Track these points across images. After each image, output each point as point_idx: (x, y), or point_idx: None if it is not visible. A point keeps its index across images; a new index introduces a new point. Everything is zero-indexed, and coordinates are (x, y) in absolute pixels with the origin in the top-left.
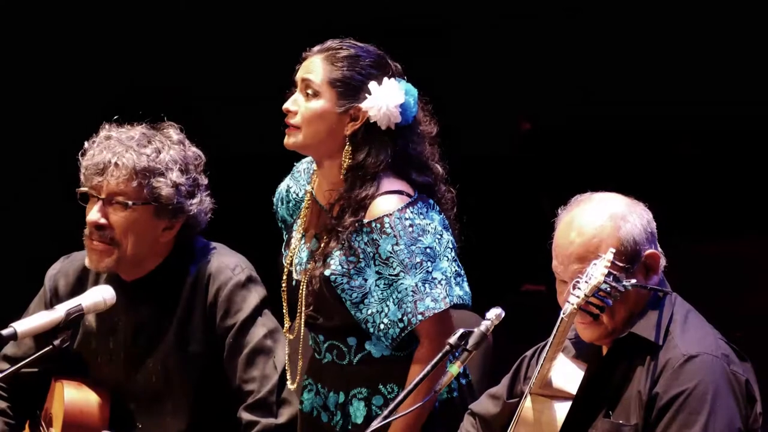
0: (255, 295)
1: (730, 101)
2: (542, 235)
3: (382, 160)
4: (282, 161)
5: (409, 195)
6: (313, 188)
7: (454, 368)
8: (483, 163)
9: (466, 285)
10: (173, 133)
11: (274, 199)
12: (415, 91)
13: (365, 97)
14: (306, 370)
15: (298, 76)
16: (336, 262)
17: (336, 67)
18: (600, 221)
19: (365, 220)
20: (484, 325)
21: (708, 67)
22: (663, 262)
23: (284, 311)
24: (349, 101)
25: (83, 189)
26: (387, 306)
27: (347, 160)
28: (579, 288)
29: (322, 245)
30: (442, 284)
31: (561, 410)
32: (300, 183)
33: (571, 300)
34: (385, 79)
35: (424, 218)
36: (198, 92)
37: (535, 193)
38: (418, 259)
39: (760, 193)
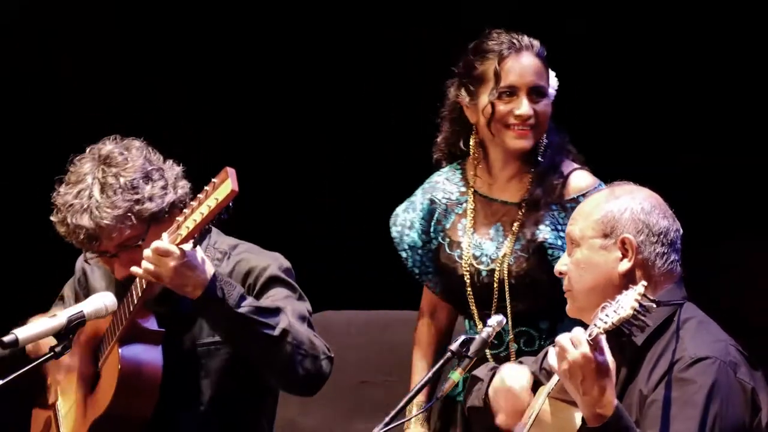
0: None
1: (728, 102)
2: None
3: (563, 134)
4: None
5: None
6: (474, 188)
7: (456, 375)
8: None
9: None
10: (108, 148)
11: (395, 231)
12: None
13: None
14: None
15: (520, 82)
16: (548, 231)
17: (543, 63)
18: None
19: (571, 195)
20: (486, 332)
21: (707, 68)
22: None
23: (474, 315)
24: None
25: (92, 257)
26: None
27: (543, 140)
28: (607, 315)
29: (526, 220)
30: None
31: (578, 416)
32: (448, 189)
33: (597, 324)
34: None
35: None
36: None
37: None
38: None
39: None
